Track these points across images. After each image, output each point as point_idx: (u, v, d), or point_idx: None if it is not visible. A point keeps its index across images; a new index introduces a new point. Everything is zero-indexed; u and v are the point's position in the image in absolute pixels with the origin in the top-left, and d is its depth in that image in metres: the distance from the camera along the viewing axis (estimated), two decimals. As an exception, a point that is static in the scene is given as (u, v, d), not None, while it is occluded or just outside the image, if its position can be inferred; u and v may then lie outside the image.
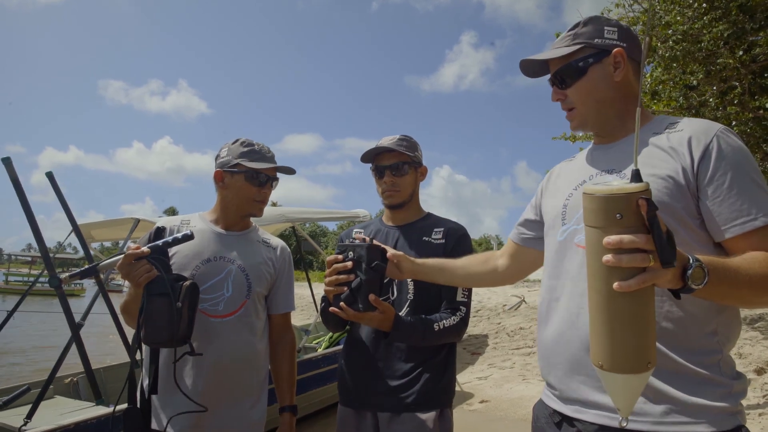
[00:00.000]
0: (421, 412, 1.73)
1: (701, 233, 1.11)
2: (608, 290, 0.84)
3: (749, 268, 0.99)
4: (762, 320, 7.26)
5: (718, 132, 1.13)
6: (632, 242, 0.81)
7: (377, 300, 1.57)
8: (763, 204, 1.07)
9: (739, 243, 1.07)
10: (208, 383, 1.75)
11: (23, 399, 3.54)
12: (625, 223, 0.83)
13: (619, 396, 0.93)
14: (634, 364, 0.86)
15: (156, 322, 1.53)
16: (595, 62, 1.25)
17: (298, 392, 5.12)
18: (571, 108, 1.31)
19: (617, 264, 0.82)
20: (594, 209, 0.86)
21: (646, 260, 0.81)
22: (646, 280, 0.82)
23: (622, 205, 0.83)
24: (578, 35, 1.27)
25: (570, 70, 1.27)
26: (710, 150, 1.10)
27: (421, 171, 1.99)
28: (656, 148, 1.17)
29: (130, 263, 1.54)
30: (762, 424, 4.25)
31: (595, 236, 0.86)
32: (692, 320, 1.08)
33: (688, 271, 0.89)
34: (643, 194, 0.82)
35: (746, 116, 6.65)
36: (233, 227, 1.95)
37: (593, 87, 1.26)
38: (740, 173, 1.08)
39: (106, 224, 5.51)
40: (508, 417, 5.15)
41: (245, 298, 1.85)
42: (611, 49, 1.25)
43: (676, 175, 1.11)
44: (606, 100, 1.27)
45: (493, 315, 11.03)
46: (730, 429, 1.04)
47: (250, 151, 1.89)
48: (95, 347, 10.46)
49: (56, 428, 2.99)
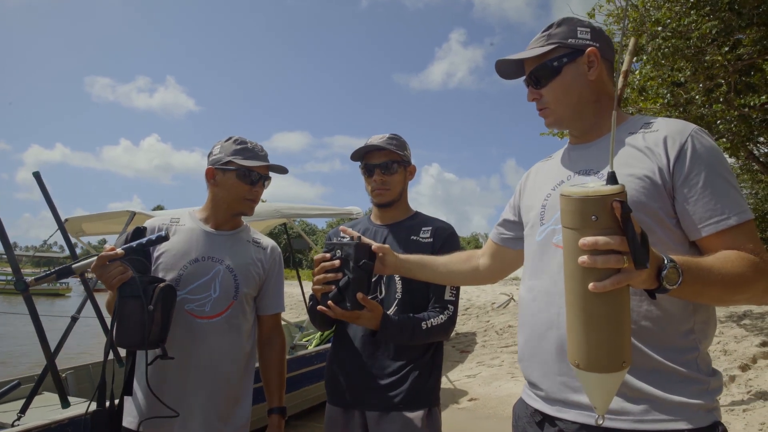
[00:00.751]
0: (409, 411, 1.73)
1: (677, 232, 1.13)
2: (584, 291, 0.86)
3: (722, 268, 1.01)
4: (747, 317, 7.35)
5: (693, 132, 1.15)
6: (607, 244, 0.83)
7: (365, 298, 1.56)
8: (735, 204, 1.09)
9: (712, 242, 1.09)
10: (195, 385, 1.73)
11: (12, 395, 3.49)
12: (601, 224, 0.84)
13: (595, 394, 0.95)
14: (609, 363, 0.88)
15: (128, 324, 1.52)
16: (569, 62, 1.27)
17: (289, 390, 5.09)
18: (545, 108, 1.32)
19: (592, 265, 0.84)
20: (570, 211, 0.88)
21: (620, 261, 0.83)
22: (620, 281, 0.84)
23: (597, 207, 0.84)
24: (552, 36, 1.29)
25: (544, 69, 1.28)
26: (685, 150, 1.12)
27: (410, 170, 1.99)
28: (632, 148, 1.18)
29: (103, 265, 1.52)
30: (746, 420, 4.31)
31: (572, 237, 0.87)
32: (670, 319, 1.09)
33: (662, 272, 0.91)
34: (617, 197, 0.83)
35: (732, 114, 6.73)
36: (223, 226, 1.93)
37: (568, 86, 1.27)
38: (714, 173, 1.10)
39: (100, 218, 5.26)
40: (496, 415, 5.17)
41: (233, 299, 1.82)
42: (585, 48, 1.26)
43: (653, 175, 1.13)
44: (581, 100, 1.28)
45: (482, 313, 11.07)
46: (708, 425, 1.06)
47: (243, 149, 1.87)
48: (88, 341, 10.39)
49: (51, 423, 2.97)
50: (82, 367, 4.55)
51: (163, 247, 1.79)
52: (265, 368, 1.98)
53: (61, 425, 3.02)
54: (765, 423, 4.16)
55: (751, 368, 5.46)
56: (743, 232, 1.08)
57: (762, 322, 6.97)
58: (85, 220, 5.32)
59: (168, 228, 1.83)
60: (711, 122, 6.96)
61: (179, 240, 1.83)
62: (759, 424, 4.16)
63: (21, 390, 3.52)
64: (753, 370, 5.39)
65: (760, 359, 5.63)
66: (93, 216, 5.24)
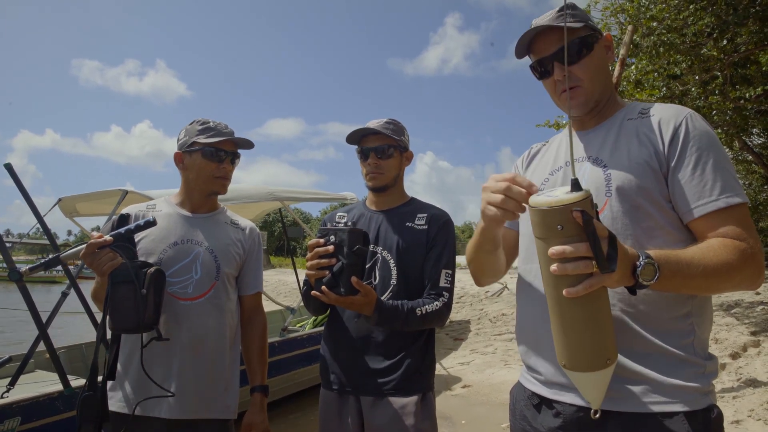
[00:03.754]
0: (403, 396, 1.74)
1: (675, 216, 1.13)
2: (559, 296, 0.89)
3: (702, 258, 1.01)
4: (738, 306, 7.43)
5: (687, 116, 1.15)
6: (574, 252, 0.85)
7: (359, 283, 1.56)
8: (727, 186, 1.08)
9: (702, 224, 1.09)
10: (181, 366, 1.74)
11: (2, 371, 3.52)
12: (567, 233, 0.86)
13: (586, 391, 0.99)
14: (592, 362, 0.91)
15: (122, 309, 1.54)
16: (596, 41, 1.25)
17: (283, 372, 5.08)
18: (575, 86, 1.24)
19: (563, 273, 0.86)
20: (538, 222, 0.90)
21: (589, 267, 0.85)
22: (592, 285, 0.86)
23: (561, 217, 0.86)
24: (576, 15, 1.26)
25: (581, 44, 1.23)
26: (678, 133, 1.13)
27: (407, 156, 1.98)
28: (630, 134, 1.19)
29: (93, 252, 1.54)
30: (736, 406, 4.37)
31: (543, 247, 0.89)
32: (667, 304, 1.10)
33: (637, 269, 0.93)
34: (577, 205, 0.85)
35: (727, 106, 6.75)
36: (199, 209, 1.95)
37: (599, 64, 1.25)
38: (706, 156, 1.10)
39: (92, 197, 5.27)
40: (489, 401, 5.22)
41: (215, 279, 1.85)
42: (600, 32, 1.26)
43: (650, 160, 1.13)
44: (606, 80, 1.27)
45: (476, 301, 11.13)
46: (703, 408, 1.07)
47: (205, 128, 1.89)
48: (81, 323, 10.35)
49: (41, 396, 2.99)
50: (75, 347, 4.58)
51: (142, 234, 1.81)
52: (246, 347, 2.00)
53: (50, 398, 3.04)
54: (754, 410, 4.22)
55: (741, 356, 5.53)
56: (732, 215, 1.07)
57: (752, 311, 7.05)
58: (79, 200, 5.36)
59: (156, 212, 1.86)
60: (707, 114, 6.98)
61: (158, 225, 1.83)
62: (748, 411, 4.23)
63: (12, 367, 3.53)
64: (743, 358, 5.46)
65: (750, 347, 5.70)
66: (86, 195, 5.26)
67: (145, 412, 1.71)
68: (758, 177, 14.20)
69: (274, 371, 4.77)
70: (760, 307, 7.28)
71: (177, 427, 1.73)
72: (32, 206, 3.51)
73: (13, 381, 3.26)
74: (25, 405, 2.93)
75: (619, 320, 1.10)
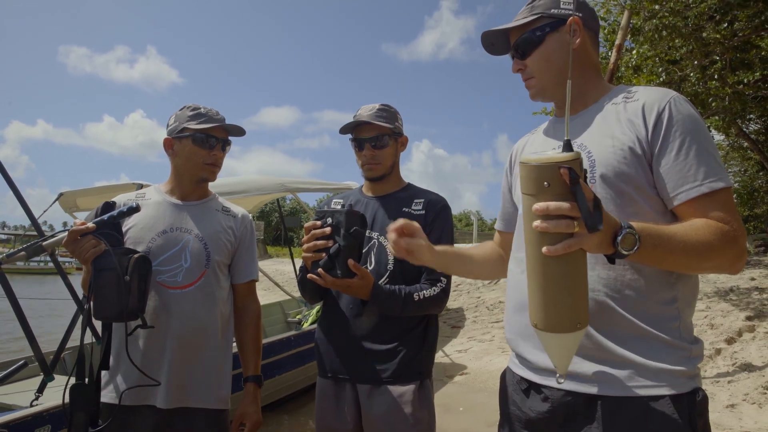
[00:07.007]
0: (401, 384, 1.72)
1: (659, 201, 1.13)
2: (539, 254, 0.90)
3: (684, 235, 1.01)
4: (733, 292, 7.47)
5: (671, 99, 1.14)
6: (558, 209, 0.85)
7: (356, 265, 1.54)
8: (711, 171, 1.08)
9: (686, 209, 1.09)
10: (172, 355, 1.72)
11: (20, 374, 3.42)
12: (553, 191, 0.87)
13: (554, 354, 1.00)
14: (564, 324, 0.93)
15: (105, 296, 1.52)
16: (551, 31, 1.26)
17: (293, 366, 5.04)
18: (530, 78, 1.31)
19: (545, 230, 0.87)
20: (526, 177, 0.90)
21: (570, 226, 0.86)
22: (572, 245, 0.87)
23: (549, 174, 0.87)
24: (535, 6, 1.29)
25: (528, 39, 1.28)
26: (662, 117, 1.12)
27: (402, 141, 1.95)
28: (614, 118, 1.18)
29: (75, 240, 1.52)
30: (731, 390, 4.41)
31: (528, 203, 0.91)
32: (653, 288, 1.11)
33: (617, 237, 0.93)
34: (567, 163, 0.86)
35: (726, 91, 6.73)
36: (190, 197, 1.91)
37: (550, 55, 1.27)
38: (690, 140, 1.10)
39: (94, 192, 4.89)
40: (487, 388, 5.24)
41: (205, 267, 1.82)
42: (567, 17, 1.25)
43: (633, 145, 1.13)
44: (564, 69, 1.26)
45: (473, 289, 11.15)
46: (689, 391, 1.08)
47: (196, 114, 1.85)
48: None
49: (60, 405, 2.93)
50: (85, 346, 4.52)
51: (131, 222, 1.79)
52: (239, 336, 1.97)
53: None
54: (749, 394, 4.26)
55: (736, 341, 5.57)
56: (716, 200, 1.07)
57: (748, 297, 7.09)
58: (80, 195, 5.08)
59: (146, 201, 1.83)
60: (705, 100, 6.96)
61: (146, 214, 1.82)
62: (743, 395, 4.27)
63: (29, 369, 3.44)
64: (738, 343, 5.50)
65: (746, 333, 5.74)
66: (90, 190, 5.00)
67: (138, 402, 1.69)
68: (754, 163, 14.22)
69: (293, 364, 4.80)
70: (755, 292, 7.32)
71: (171, 416, 1.71)
72: (19, 197, 3.46)
73: (41, 388, 3.15)
74: (56, 413, 2.83)
75: (605, 305, 1.10)
